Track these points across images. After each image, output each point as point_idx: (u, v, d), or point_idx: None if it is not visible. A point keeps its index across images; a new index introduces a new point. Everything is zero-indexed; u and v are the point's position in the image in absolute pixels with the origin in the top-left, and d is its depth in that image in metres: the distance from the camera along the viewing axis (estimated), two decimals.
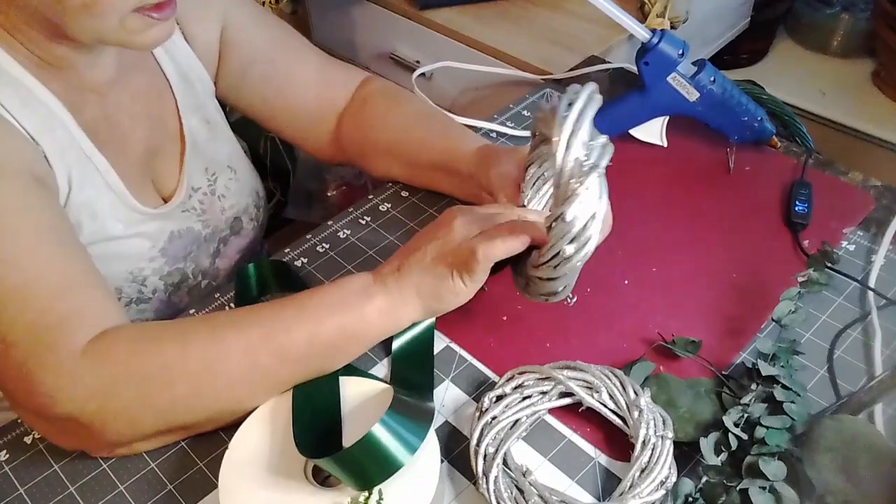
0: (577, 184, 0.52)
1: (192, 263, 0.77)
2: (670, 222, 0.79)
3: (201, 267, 0.78)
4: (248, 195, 0.82)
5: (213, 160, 0.79)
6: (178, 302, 0.77)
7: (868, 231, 0.77)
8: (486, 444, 0.57)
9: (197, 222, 0.77)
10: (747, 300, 0.71)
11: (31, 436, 0.64)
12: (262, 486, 0.55)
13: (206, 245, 0.78)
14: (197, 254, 0.77)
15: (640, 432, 0.57)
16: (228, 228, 0.80)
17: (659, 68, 0.79)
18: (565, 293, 0.58)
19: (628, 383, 0.60)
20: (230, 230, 0.80)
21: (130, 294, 0.72)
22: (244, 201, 0.81)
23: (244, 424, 0.59)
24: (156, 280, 0.74)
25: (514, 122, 0.94)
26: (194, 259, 0.77)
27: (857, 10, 1.63)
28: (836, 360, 0.66)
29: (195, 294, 0.79)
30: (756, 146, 0.86)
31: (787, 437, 0.57)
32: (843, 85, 1.60)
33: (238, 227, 0.80)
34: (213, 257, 0.79)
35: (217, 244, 0.79)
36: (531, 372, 0.62)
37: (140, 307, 0.74)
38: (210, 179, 0.78)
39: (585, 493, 0.58)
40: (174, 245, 0.74)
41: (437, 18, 1.20)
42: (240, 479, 0.55)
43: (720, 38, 1.45)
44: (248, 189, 0.82)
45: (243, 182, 0.81)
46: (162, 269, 0.74)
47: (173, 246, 0.74)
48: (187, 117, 0.76)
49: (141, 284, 0.73)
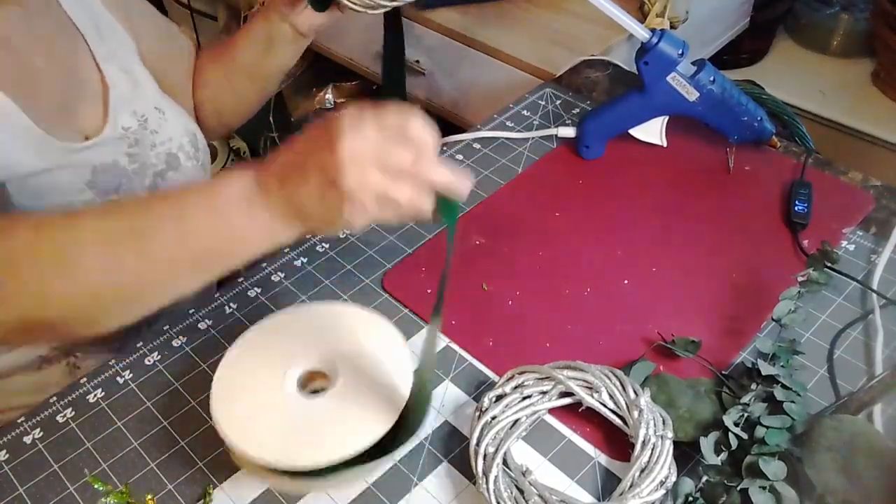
0: None
1: (126, 196, 0.76)
2: (670, 222, 0.79)
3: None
4: (183, 135, 0.83)
5: (139, 103, 0.81)
6: None
7: (868, 231, 0.77)
8: (486, 444, 0.57)
9: (123, 156, 0.77)
10: (747, 300, 0.71)
11: (31, 436, 0.64)
12: (254, 398, 0.58)
13: (138, 178, 0.78)
14: (129, 187, 0.77)
15: (640, 432, 0.57)
16: (164, 163, 0.81)
17: (659, 68, 0.79)
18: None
19: (628, 383, 0.60)
20: (167, 165, 0.81)
21: None
22: (178, 140, 0.82)
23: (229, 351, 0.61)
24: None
25: (514, 122, 0.94)
26: (128, 191, 0.77)
27: (856, 10, 1.63)
28: (835, 360, 0.66)
29: None
30: (756, 146, 0.86)
31: (786, 436, 0.57)
32: (843, 85, 1.60)
33: (175, 164, 0.82)
34: (149, 191, 0.79)
35: (152, 178, 0.80)
36: (531, 372, 0.62)
37: None
38: (140, 120, 0.79)
39: (585, 492, 0.58)
40: (100, 178, 0.74)
41: (437, 18, 1.20)
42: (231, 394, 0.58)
43: (720, 38, 1.45)
44: (181, 129, 0.84)
45: (174, 122, 0.83)
46: (94, 202, 0.73)
47: (99, 179, 0.74)
48: (105, 64, 0.78)
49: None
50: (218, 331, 0.72)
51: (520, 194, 0.84)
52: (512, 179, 0.85)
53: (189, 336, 0.71)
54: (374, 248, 0.79)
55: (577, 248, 0.77)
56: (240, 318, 0.73)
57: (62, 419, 0.65)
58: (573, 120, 0.93)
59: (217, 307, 0.74)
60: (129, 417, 0.65)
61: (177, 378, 0.68)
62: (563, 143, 0.89)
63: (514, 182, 0.85)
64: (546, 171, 0.86)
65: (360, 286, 0.75)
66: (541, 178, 0.86)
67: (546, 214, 0.81)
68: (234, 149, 1.74)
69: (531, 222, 0.80)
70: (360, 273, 0.76)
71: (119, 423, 0.65)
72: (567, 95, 0.97)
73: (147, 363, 0.69)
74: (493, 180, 0.86)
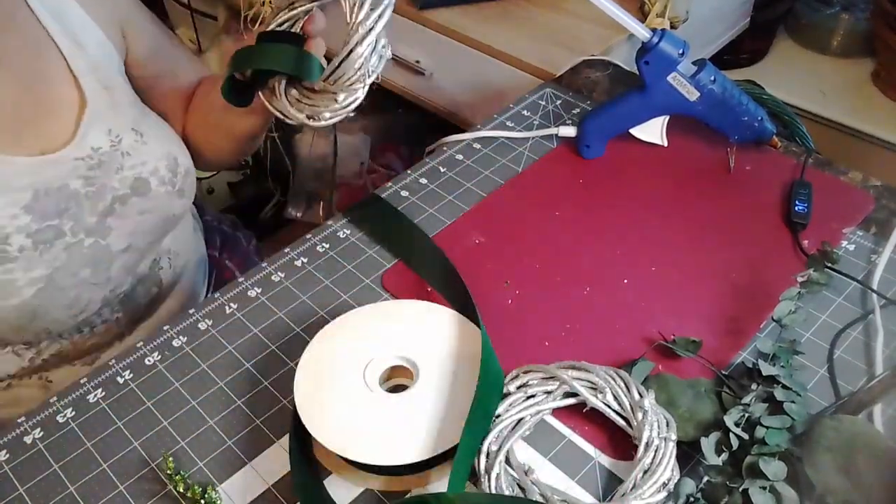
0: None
1: (69, 221, 0.73)
2: (670, 222, 0.79)
3: (83, 224, 0.74)
4: (161, 159, 0.80)
5: (117, 123, 0.77)
6: (52, 260, 0.72)
7: (868, 231, 0.77)
8: (489, 443, 0.57)
9: (77, 180, 0.73)
10: (747, 300, 0.71)
11: (32, 436, 0.64)
12: (336, 393, 0.60)
13: (91, 203, 0.74)
14: (77, 211, 0.73)
15: (644, 434, 0.57)
16: (129, 188, 0.77)
17: (659, 68, 0.79)
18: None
19: (633, 385, 0.60)
20: (131, 190, 0.77)
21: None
22: (153, 164, 0.79)
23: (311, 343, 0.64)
24: (21, 238, 0.70)
25: (514, 121, 0.94)
26: (73, 216, 0.73)
27: (856, 10, 1.63)
28: (835, 360, 0.66)
29: (76, 252, 0.74)
30: (756, 146, 0.86)
31: (787, 436, 0.57)
32: (843, 85, 1.60)
33: (143, 189, 0.78)
34: (101, 215, 0.75)
35: (110, 202, 0.76)
36: (536, 371, 0.62)
37: (6, 266, 0.69)
38: (114, 141, 0.76)
39: (585, 492, 0.58)
40: (41, 203, 0.71)
41: (437, 18, 1.20)
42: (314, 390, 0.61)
43: (720, 38, 1.45)
44: (161, 153, 0.80)
45: (153, 145, 0.79)
46: (28, 227, 0.70)
47: (40, 204, 0.71)
48: (84, 79, 0.75)
49: (4, 243, 0.69)
50: (218, 331, 0.72)
51: (520, 194, 0.84)
52: (512, 179, 0.85)
53: (189, 336, 0.71)
54: (375, 248, 0.79)
55: (577, 248, 0.77)
56: (240, 317, 0.73)
57: (62, 419, 0.65)
58: (573, 120, 0.93)
59: (217, 307, 0.74)
60: (130, 417, 0.65)
61: (177, 378, 0.68)
62: (564, 143, 0.89)
63: (514, 182, 0.85)
64: (546, 171, 0.86)
65: (360, 286, 0.75)
66: (541, 178, 0.86)
67: (546, 214, 0.81)
68: None
69: (531, 222, 0.80)
70: (360, 273, 0.76)
71: (119, 423, 0.65)
72: (567, 95, 0.97)
73: (147, 363, 0.69)
74: (493, 180, 0.86)
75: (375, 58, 0.69)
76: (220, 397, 0.66)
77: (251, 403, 0.65)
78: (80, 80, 0.74)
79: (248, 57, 0.72)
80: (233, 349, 0.70)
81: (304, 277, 0.76)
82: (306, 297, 0.74)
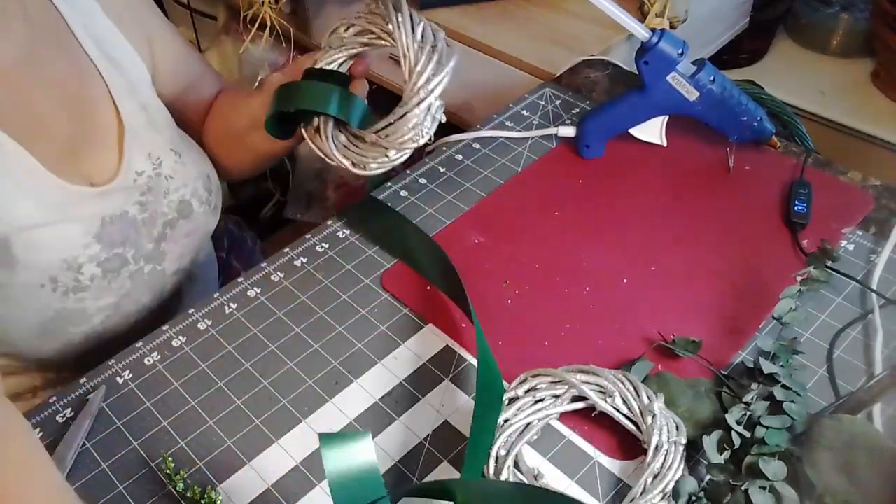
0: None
1: (131, 248, 0.74)
2: (670, 222, 0.79)
3: (143, 251, 0.76)
4: (197, 178, 0.80)
5: (156, 145, 0.77)
6: (118, 288, 0.74)
7: (867, 231, 0.77)
8: (498, 447, 0.57)
9: (133, 206, 0.74)
10: (746, 300, 0.71)
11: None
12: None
13: (147, 229, 0.76)
14: (137, 238, 0.75)
15: (654, 438, 0.56)
16: (175, 212, 0.78)
17: (658, 68, 0.79)
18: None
19: (642, 388, 0.60)
20: (178, 213, 0.78)
21: (67, 283, 0.70)
22: (192, 184, 0.79)
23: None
24: (93, 267, 0.71)
25: (513, 121, 0.94)
26: (134, 243, 0.75)
27: (856, 10, 1.63)
28: (835, 360, 0.66)
29: (138, 279, 0.76)
30: (756, 146, 0.86)
31: (786, 436, 0.57)
32: (843, 85, 1.60)
33: (187, 211, 0.79)
34: (157, 241, 0.77)
35: (162, 228, 0.77)
36: (544, 375, 0.62)
37: (78, 296, 0.71)
38: (155, 163, 0.76)
39: (589, 496, 0.58)
40: (108, 230, 0.72)
41: (437, 18, 1.20)
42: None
43: (720, 38, 1.45)
44: (197, 172, 0.80)
45: (190, 166, 0.80)
46: (98, 256, 0.71)
47: (107, 231, 0.72)
48: (122, 102, 0.75)
49: (77, 272, 0.70)
50: (218, 331, 0.72)
51: (519, 194, 0.84)
52: (512, 179, 0.85)
53: (189, 336, 0.71)
54: (374, 248, 0.79)
55: (576, 248, 0.77)
56: (240, 317, 0.73)
57: (62, 419, 0.65)
58: (573, 120, 0.93)
59: (217, 307, 0.74)
60: (129, 417, 0.65)
61: (176, 378, 0.68)
62: (563, 143, 0.89)
63: (513, 181, 0.85)
64: (546, 171, 0.86)
65: (360, 286, 0.75)
66: (541, 178, 0.85)
67: (546, 214, 0.81)
68: None
69: (531, 222, 0.80)
70: (360, 273, 0.76)
71: (119, 422, 0.65)
72: (567, 95, 0.97)
73: (147, 363, 0.69)
74: (492, 180, 0.86)
75: (429, 120, 0.68)
76: (220, 397, 0.66)
77: (251, 403, 0.65)
78: (119, 104, 0.75)
79: (294, 95, 0.73)
80: (232, 349, 0.70)
81: (304, 277, 0.76)
82: (306, 296, 0.74)
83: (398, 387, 0.66)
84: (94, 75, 0.74)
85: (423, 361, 0.68)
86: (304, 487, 0.60)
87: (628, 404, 0.59)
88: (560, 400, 0.61)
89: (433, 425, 0.63)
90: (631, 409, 0.59)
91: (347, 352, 0.69)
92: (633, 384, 0.60)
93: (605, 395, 0.60)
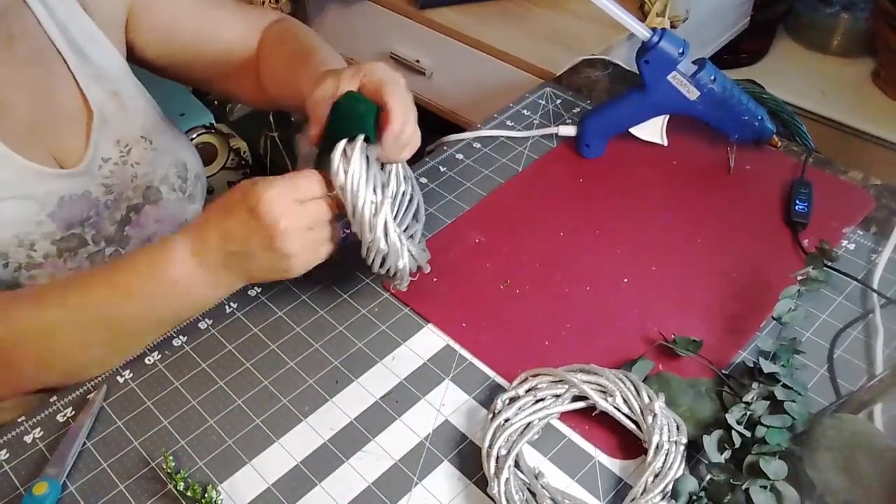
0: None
1: (91, 229, 0.74)
2: (670, 221, 0.79)
3: (104, 233, 0.76)
4: (170, 166, 0.80)
5: (126, 132, 0.77)
6: (76, 268, 0.74)
7: (868, 230, 0.77)
8: (499, 447, 0.57)
9: (98, 187, 0.75)
10: (747, 299, 0.71)
11: (32, 435, 0.64)
12: None
13: (110, 212, 0.76)
14: (97, 220, 0.75)
15: (654, 437, 0.57)
16: (141, 197, 0.78)
17: (659, 67, 0.79)
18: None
19: (642, 388, 0.60)
20: (143, 199, 0.78)
21: (19, 259, 0.70)
22: (163, 171, 0.79)
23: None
24: (47, 244, 0.71)
25: (514, 121, 0.94)
26: (94, 225, 0.74)
27: (856, 10, 1.63)
28: (836, 360, 0.66)
29: (98, 261, 0.76)
30: (756, 145, 0.85)
31: (787, 436, 0.57)
32: (843, 84, 1.60)
33: (155, 197, 0.79)
34: (120, 224, 0.77)
35: (126, 212, 0.77)
36: (545, 375, 0.62)
37: (31, 273, 0.71)
38: (123, 151, 0.76)
39: (589, 495, 0.58)
40: (66, 209, 0.72)
41: (437, 18, 1.20)
42: None
43: (720, 38, 1.45)
44: (170, 160, 0.80)
45: (162, 152, 0.79)
46: (54, 234, 0.71)
47: (64, 211, 0.72)
48: (89, 89, 0.75)
49: (30, 249, 0.70)
50: (218, 331, 0.72)
51: (520, 193, 0.84)
52: (512, 178, 0.85)
53: (189, 336, 0.71)
54: None
55: (577, 247, 0.77)
56: (240, 317, 0.73)
57: (62, 419, 0.65)
58: (573, 119, 0.93)
59: (217, 307, 0.74)
60: (129, 417, 0.65)
61: (177, 377, 0.68)
62: (564, 143, 0.89)
63: (514, 181, 0.85)
64: (546, 171, 0.86)
65: (360, 286, 0.75)
66: (541, 177, 0.85)
67: (546, 213, 0.81)
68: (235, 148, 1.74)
69: (531, 221, 0.80)
70: (360, 273, 0.76)
71: (119, 422, 0.65)
72: (567, 95, 0.97)
73: (147, 362, 0.69)
74: (493, 179, 0.85)
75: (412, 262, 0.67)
76: (220, 397, 0.66)
77: (252, 402, 0.65)
78: (86, 92, 0.75)
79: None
80: (233, 348, 0.70)
81: (304, 277, 0.76)
82: (306, 296, 0.74)
83: (398, 386, 0.66)
84: (56, 61, 0.74)
85: (423, 361, 0.68)
86: (305, 486, 0.60)
87: (629, 404, 0.59)
88: (561, 399, 0.61)
89: (433, 424, 0.63)
90: (632, 408, 0.59)
91: (348, 351, 0.69)
92: (634, 384, 0.60)
93: (605, 394, 0.60)
